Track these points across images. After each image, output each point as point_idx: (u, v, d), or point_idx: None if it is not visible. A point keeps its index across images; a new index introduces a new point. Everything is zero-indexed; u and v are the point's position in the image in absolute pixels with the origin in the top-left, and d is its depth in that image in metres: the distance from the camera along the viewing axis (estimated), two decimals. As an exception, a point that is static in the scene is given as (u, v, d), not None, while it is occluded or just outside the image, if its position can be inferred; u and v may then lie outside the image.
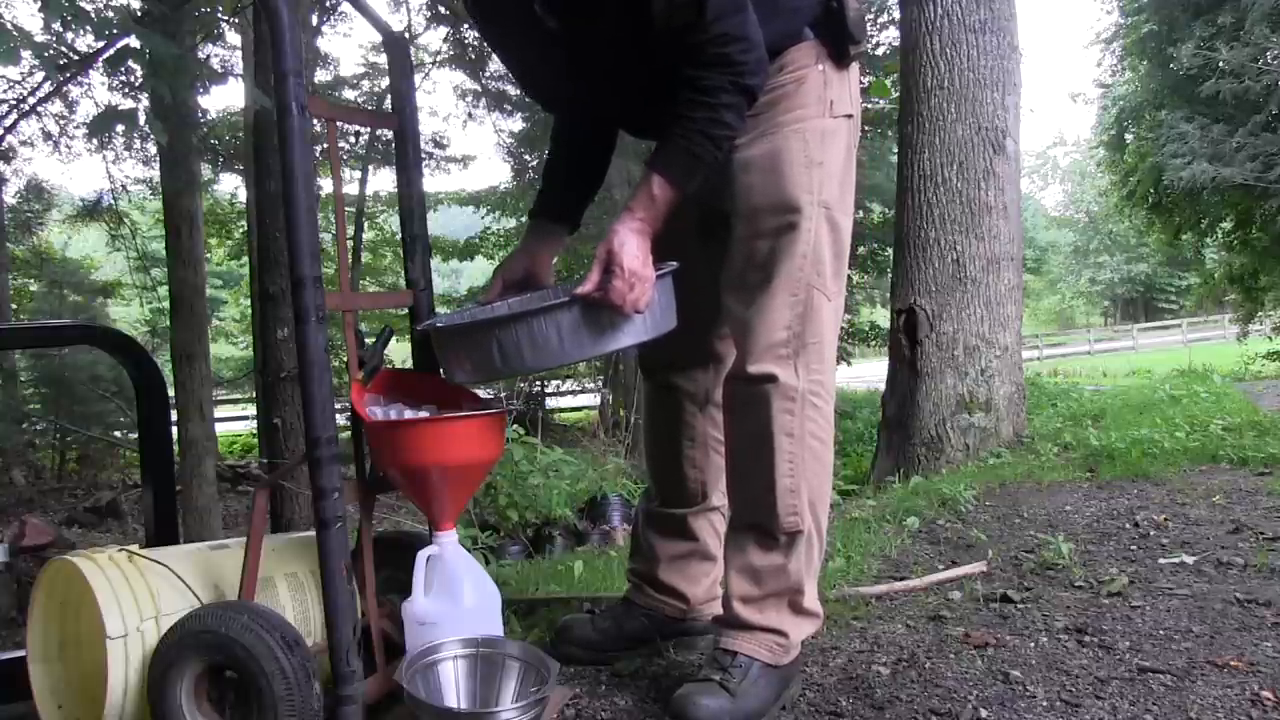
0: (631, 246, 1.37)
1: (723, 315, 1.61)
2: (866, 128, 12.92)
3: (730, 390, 1.58)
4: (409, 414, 1.57)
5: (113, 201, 10.85)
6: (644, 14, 1.36)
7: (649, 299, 1.39)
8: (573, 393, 16.69)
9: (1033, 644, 1.83)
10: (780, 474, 1.51)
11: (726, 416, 1.60)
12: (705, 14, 1.35)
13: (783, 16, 1.50)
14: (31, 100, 7.96)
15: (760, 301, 1.51)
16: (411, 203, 1.69)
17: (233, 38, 9.96)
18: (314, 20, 10.54)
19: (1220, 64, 12.92)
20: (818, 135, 1.52)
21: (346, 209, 6.56)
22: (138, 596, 1.39)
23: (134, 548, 1.49)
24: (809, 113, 1.52)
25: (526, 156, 14.07)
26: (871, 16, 13.52)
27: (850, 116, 1.58)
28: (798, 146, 1.51)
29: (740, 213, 1.54)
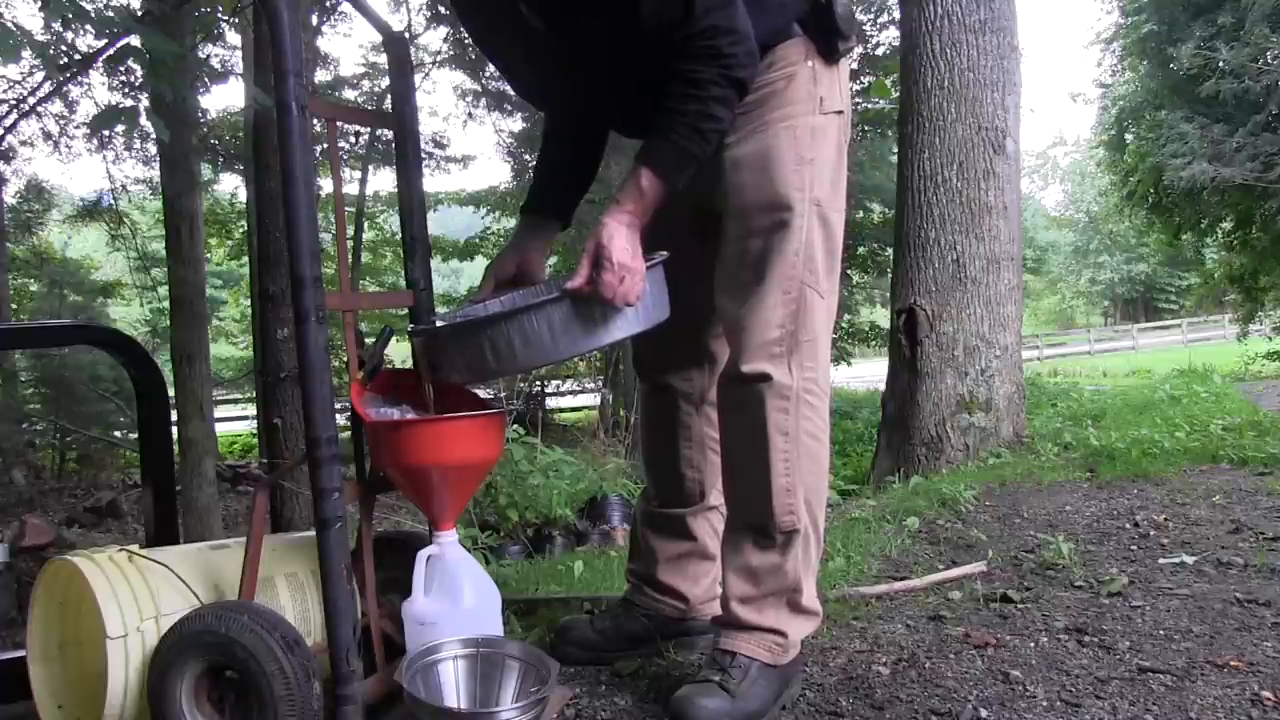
0: (620, 239, 1.37)
1: (717, 315, 1.60)
2: (866, 128, 12.92)
3: (724, 390, 1.57)
4: (409, 414, 1.57)
5: (113, 201, 10.88)
6: (632, 10, 1.35)
7: (640, 291, 1.38)
8: (573, 393, 16.71)
9: (1033, 644, 1.82)
10: (776, 473, 1.51)
11: (721, 416, 1.60)
12: (694, 8, 1.34)
13: (770, 13, 1.49)
14: (31, 100, 7.97)
15: (753, 300, 1.51)
16: (411, 203, 1.69)
17: (233, 38, 9.99)
18: (314, 20, 10.54)
19: (1220, 64, 12.92)
20: (808, 132, 1.52)
21: (346, 209, 6.56)
22: (138, 596, 1.39)
23: (134, 548, 1.49)
24: (799, 109, 1.52)
25: (526, 156, 14.08)
26: (871, 16, 13.53)
27: (841, 113, 1.57)
28: (788, 144, 1.50)
29: (732, 212, 1.53)
